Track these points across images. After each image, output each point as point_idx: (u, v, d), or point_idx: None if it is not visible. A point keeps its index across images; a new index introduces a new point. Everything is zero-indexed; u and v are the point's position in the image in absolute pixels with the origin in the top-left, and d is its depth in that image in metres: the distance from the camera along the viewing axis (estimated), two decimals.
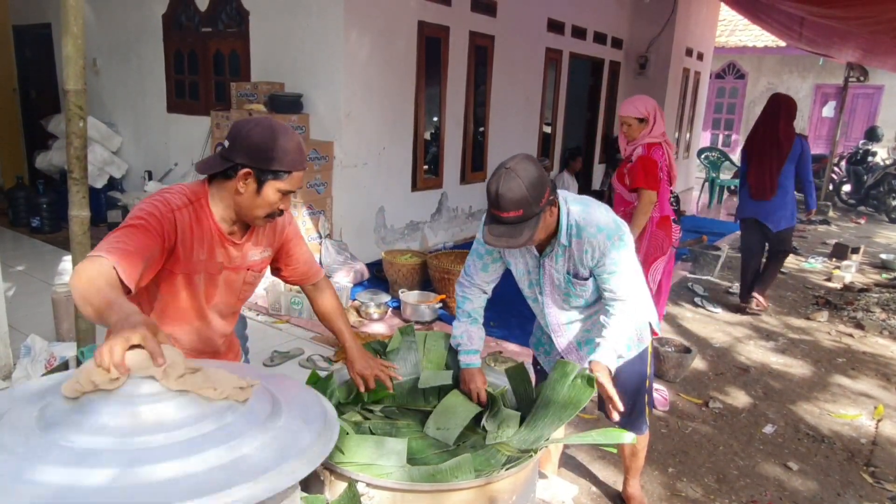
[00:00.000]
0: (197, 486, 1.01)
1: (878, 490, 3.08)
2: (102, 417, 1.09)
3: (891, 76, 14.83)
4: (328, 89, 5.56)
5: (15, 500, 0.95)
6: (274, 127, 1.71)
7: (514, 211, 1.88)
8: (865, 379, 4.36)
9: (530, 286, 2.30)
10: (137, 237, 1.57)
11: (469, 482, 1.61)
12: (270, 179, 1.70)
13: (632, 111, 3.70)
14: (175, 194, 1.73)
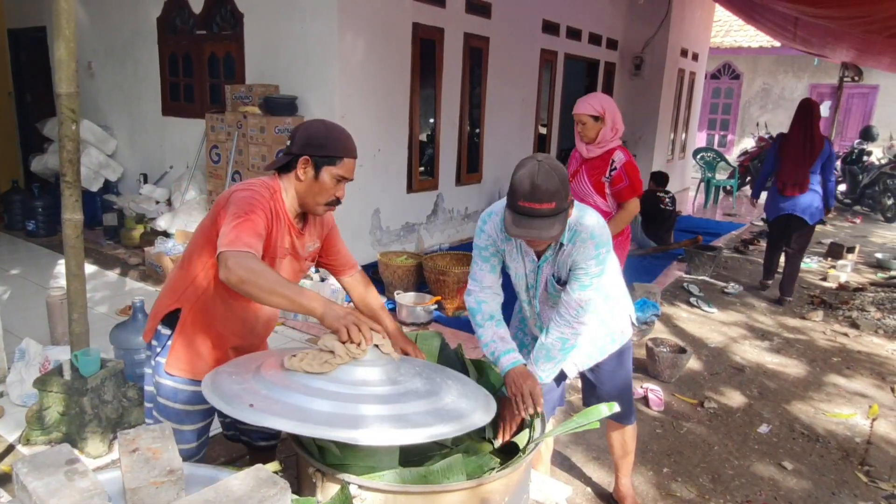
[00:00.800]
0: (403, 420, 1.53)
1: (873, 489, 3.08)
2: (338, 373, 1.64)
3: (886, 76, 14.88)
4: (323, 91, 5.56)
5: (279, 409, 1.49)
6: (326, 123, 1.98)
7: (548, 203, 1.87)
8: (860, 378, 4.37)
9: (525, 290, 2.31)
10: (252, 227, 1.78)
11: (461, 484, 1.61)
12: (326, 165, 1.91)
13: (587, 109, 3.59)
14: (261, 187, 1.91)
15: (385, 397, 1.61)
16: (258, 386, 1.59)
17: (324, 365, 1.63)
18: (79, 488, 1.26)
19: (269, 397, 1.54)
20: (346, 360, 1.65)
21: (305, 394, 1.56)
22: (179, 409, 2.03)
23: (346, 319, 1.66)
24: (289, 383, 1.59)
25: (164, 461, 1.39)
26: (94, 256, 6.00)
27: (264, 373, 1.67)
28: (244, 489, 1.29)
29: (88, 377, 2.86)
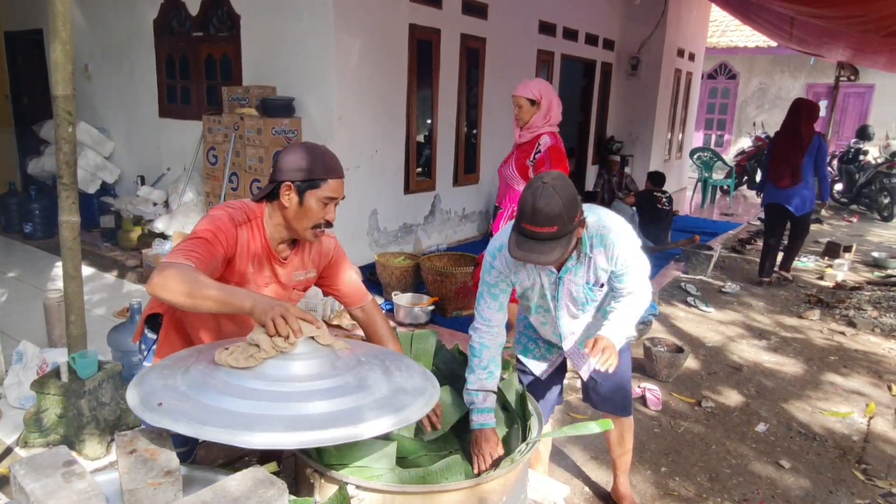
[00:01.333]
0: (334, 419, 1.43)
1: (870, 487, 3.09)
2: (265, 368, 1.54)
3: (882, 75, 14.91)
4: (320, 93, 5.56)
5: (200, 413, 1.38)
6: (307, 145, 1.93)
7: (548, 227, 1.86)
8: (857, 377, 4.38)
9: (543, 298, 2.26)
10: (205, 248, 1.78)
11: (459, 483, 1.61)
12: (309, 189, 1.86)
13: (525, 92, 3.61)
14: (238, 211, 1.91)
15: (308, 394, 1.50)
16: (180, 382, 1.51)
17: (249, 359, 1.54)
18: (76, 489, 1.27)
19: (185, 395, 1.45)
20: (271, 353, 1.55)
21: (221, 391, 1.46)
22: None
23: (274, 312, 1.56)
24: (209, 380, 1.51)
25: (161, 462, 1.39)
26: (91, 258, 5.99)
27: (194, 368, 1.58)
28: (242, 490, 1.30)
29: (86, 379, 2.86)
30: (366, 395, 1.55)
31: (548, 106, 3.61)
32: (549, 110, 3.62)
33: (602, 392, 2.52)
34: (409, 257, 5.71)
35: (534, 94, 3.60)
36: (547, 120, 3.63)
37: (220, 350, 1.61)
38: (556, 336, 2.39)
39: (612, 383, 2.48)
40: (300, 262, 2.05)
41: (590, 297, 2.21)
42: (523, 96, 3.61)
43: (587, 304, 2.24)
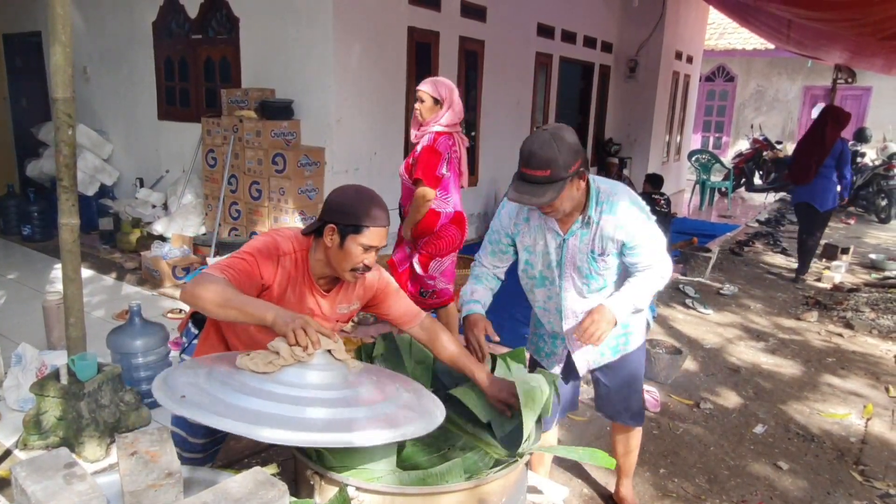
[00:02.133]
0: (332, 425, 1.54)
1: (868, 488, 3.10)
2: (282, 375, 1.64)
3: (879, 78, 14.95)
4: (319, 95, 5.57)
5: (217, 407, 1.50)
6: (358, 190, 1.98)
7: (542, 170, 1.94)
8: (855, 378, 4.40)
9: (548, 267, 2.29)
10: (242, 268, 1.88)
11: (458, 485, 1.62)
12: (351, 234, 1.90)
13: (429, 88, 3.55)
14: (286, 240, 1.99)
15: (315, 400, 1.60)
16: (202, 381, 1.62)
17: (268, 365, 1.65)
18: (77, 491, 1.27)
19: (206, 391, 1.56)
20: (290, 361, 1.66)
21: (240, 391, 1.57)
22: None
23: (294, 323, 1.67)
24: (229, 380, 1.61)
25: (162, 464, 1.40)
26: (90, 261, 5.99)
27: (216, 369, 1.68)
28: (243, 491, 1.30)
29: (85, 381, 2.86)
30: (370, 408, 1.64)
31: (447, 108, 3.57)
32: (447, 112, 3.57)
33: (613, 401, 2.53)
34: None
35: (440, 94, 3.54)
36: (442, 122, 3.58)
37: (242, 355, 1.71)
38: (558, 317, 2.35)
39: (624, 392, 2.48)
40: (344, 295, 2.11)
41: (593, 267, 2.20)
42: (428, 92, 3.55)
43: (591, 277, 2.23)
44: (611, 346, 2.38)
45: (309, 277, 2.02)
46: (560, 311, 2.34)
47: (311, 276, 2.02)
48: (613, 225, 2.12)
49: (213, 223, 5.89)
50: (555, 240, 2.23)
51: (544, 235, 2.24)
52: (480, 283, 2.38)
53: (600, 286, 2.27)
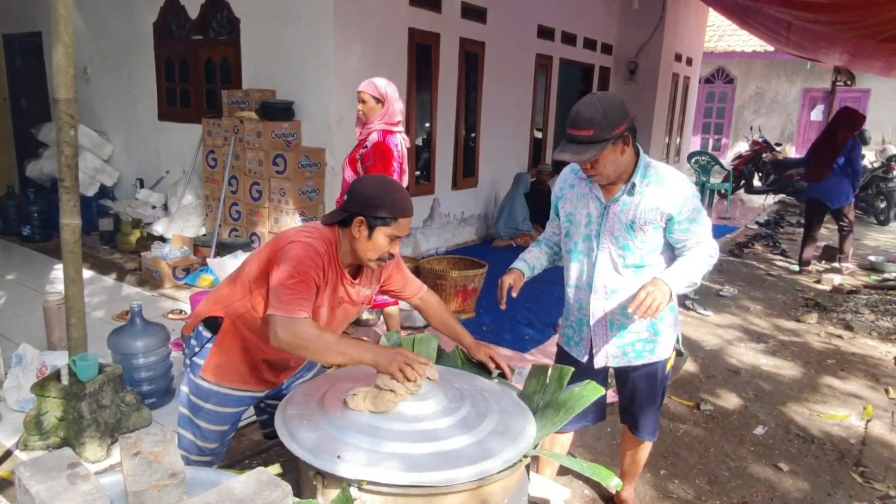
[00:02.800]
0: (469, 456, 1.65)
1: (868, 490, 3.10)
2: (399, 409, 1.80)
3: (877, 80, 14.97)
4: (319, 96, 5.58)
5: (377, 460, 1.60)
6: (384, 181, 2.02)
7: (585, 130, 2.00)
8: (855, 380, 4.40)
9: (587, 239, 2.30)
10: (307, 292, 1.91)
11: (461, 485, 1.62)
12: (379, 225, 1.93)
13: (370, 89, 3.64)
14: (318, 241, 1.98)
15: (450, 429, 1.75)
16: (333, 432, 1.72)
17: (386, 404, 1.78)
18: (81, 492, 1.27)
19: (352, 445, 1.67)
20: (405, 397, 1.81)
21: (378, 437, 1.69)
22: (210, 409, 2.16)
23: (398, 362, 1.81)
24: (359, 426, 1.73)
25: (166, 464, 1.40)
26: (90, 261, 5.99)
27: (331, 414, 1.79)
28: (246, 492, 1.30)
29: (87, 382, 2.86)
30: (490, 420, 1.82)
31: (389, 106, 3.66)
32: (388, 111, 3.66)
33: (631, 411, 2.52)
34: (408, 260, 5.71)
35: (379, 93, 3.64)
36: (385, 119, 3.67)
37: (350, 395, 1.82)
38: (588, 291, 2.33)
39: (646, 404, 2.46)
40: (367, 278, 2.15)
41: (631, 238, 2.19)
42: (368, 92, 3.65)
43: (628, 249, 2.21)
44: (636, 348, 2.34)
45: (339, 268, 2.04)
46: (591, 284, 2.31)
47: (341, 267, 2.05)
48: (661, 197, 2.14)
49: (213, 224, 5.89)
50: (597, 207, 2.25)
51: (587, 203, 2.27)
52: (539, 245, 2.52)
53: (637, 262, 2.24)
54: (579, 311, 2.39)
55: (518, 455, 1.71)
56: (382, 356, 1.83)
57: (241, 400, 2.19)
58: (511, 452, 1.69)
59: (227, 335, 2.10)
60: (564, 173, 2.40)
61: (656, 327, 2.33)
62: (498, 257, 6.85)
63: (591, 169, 2.11)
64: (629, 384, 2.46)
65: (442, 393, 1.90)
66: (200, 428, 2.17)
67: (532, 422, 1.89)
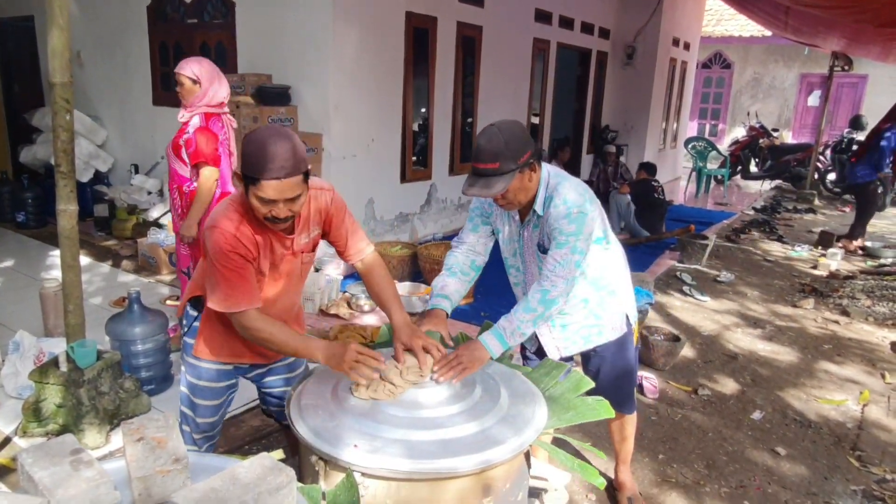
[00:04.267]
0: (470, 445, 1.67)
1: (865, 474, 3.13)
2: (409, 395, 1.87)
3: (875, 65, 14.94)
4: (316, 81, 5.53)
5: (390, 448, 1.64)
6: (259, 135, 1.78)
7: (490, 163, 2.00)
8: (851, 365, 4.42)
9: (513, 255, 2.40)
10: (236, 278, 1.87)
11: (464, 471, 1.62)
12: (249, 185, 1.78)
13: (186, 70, 3.53)
14: (230, 217, 1.88)
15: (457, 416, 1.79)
16: (348, 420, 1.75)
17: (387, 394, 1.83)
18: (85, 478, 1.26)
19: (367, 434, 1.70)
20: (407, 387, 1.86)
21: (384, 423, 1.73)
22: (203, 385, 2.19)
23: (347, 363, 1.83)
24: (374, 415, 1.77)
25: (169, 450, 1.39)
26: (85, 248, 5.95)
27: (340, 402, 1.84)
28: (251, 477, 1.30)
29: (85, 369, 2.85)
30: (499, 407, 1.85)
31: (207, 87, 3.55)
32: (207, 92, 3.56)
33: (602, 388, 2.49)
34: (405, 246, 5.71)
35: (195, 74, 3.52)
36: (205, 101, 3.57)
37: (355, 386, 1.86)
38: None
39: (612, 379, 2.49)
40: (303, 226, 2.03)
41: (540, 262, 2.24)
42: (184, 74, 3.53)
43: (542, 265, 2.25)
44: (582, 334, 2.38)
45: (264, 226, 1.91)
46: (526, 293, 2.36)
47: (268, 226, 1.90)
48: (553, 218, 2.13)
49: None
50: (516, 228, 2.31)
51: (509, 222, 2.33)
52: (453, 275, 2.37)
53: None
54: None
55: (524, 445, 1.71)
56: (332, 357, 1.86)
57: (232, 373, 2.23)
58: (516, 442, 1.70)
59: (209, 312, 2.08)
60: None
61: (594, 312, 2.35)
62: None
63: (501, 199, 2.12)
64: (592, 366, 2.49)
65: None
66: (197, 405, 2.21)
67: (543, 409, 1.90)
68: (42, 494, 1.21)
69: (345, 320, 4.56)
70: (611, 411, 1.96)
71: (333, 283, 4.87)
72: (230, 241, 1.86)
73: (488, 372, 2.07)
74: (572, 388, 2.03)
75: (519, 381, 2.06)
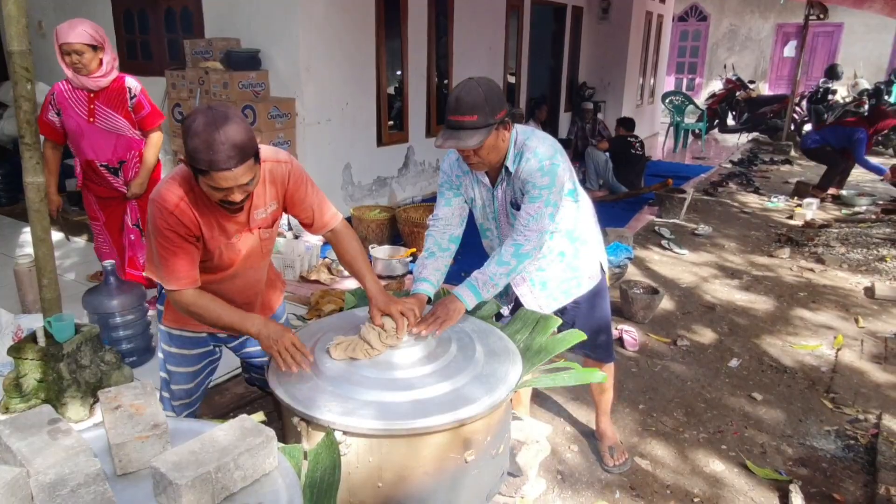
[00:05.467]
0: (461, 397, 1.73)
1: (838, 415, 3.22)
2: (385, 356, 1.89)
3: (850, 13, 14.93)
4: (286, 44, 5.41)
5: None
6: (203, 121, 1.64)
7: (469, 115, 1.97)
8: (826, 311, 4.52)
9: (486, 219, 2.39)
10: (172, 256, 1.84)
11: (443, 425, 1.64)
12: (198, 174, 1.70)
13: (83, 38, 3.28)
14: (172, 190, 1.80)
15: (431, 376, 1.81)
16: (324, 384, 1.77)
17: (364, 354, 1.85)
18: (63, 446, 1.26)
19: (339, 395, 1.72)
20: (383, 350, 1.88)
21: (357, 385, 1.75)
22: (175, 352, 2.20)
23: (279, 345, 1.82)
24: (350, 376, 1.79)
25: (147, 416, 1.40)
26: (59, 224, 5.85)
27: (320, 365, 1.85)
28: (230, 439, 1.31)
29: (63, 343, 2.83)
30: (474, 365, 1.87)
31: (110, 46, 3.39)
32: (111, 49, 3.41)
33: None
34: (384, 210, 5.68)
35: (95, 39, 3.30)
36: (115, 59, 3.45)
37: (333, 346, 1.89)
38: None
39: (590, 329, 2.47)
40: (258, 200, 1.94)
41: (512, 220, 2.24)
42: (83, 42, 3.27)
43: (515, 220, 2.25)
44: (562, 289, 2.39)
45: (212, 204, 1.83)
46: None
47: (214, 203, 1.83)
48: (525, 171, 2.13)
49: None
50: (487, 192, 2.30)
51: (479, 186, 2.31)
52: (432, 256, 2.33)
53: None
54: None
55: (497, 401, 1.73)
56: (266, 335, 1.86)
57: (203, 341, 2.22)
58: (490, 399, 1.72)
59: None
60: (450, 162, 2.35)
61: (571, 265, 2.37)
62: None
63: (473, 156, 2.08)
64: (567, 318, 2.46)
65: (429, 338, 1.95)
66: (172, 372, 2.22)
67: (518, 364, 1.92)
68: (20, 464, 1.22)
69: (325, 286, 4.55)
70: (581, 336, 2.03)
71: (313, 249, 4.84)
72: (168, 220, 1.79)
73: (466, 330, 2.08)
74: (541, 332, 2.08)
75: (496, 338, 2.08)
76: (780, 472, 2.76)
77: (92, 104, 3.49)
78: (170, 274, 1.86)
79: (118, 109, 3.52)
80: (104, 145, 3.60)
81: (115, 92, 3.50)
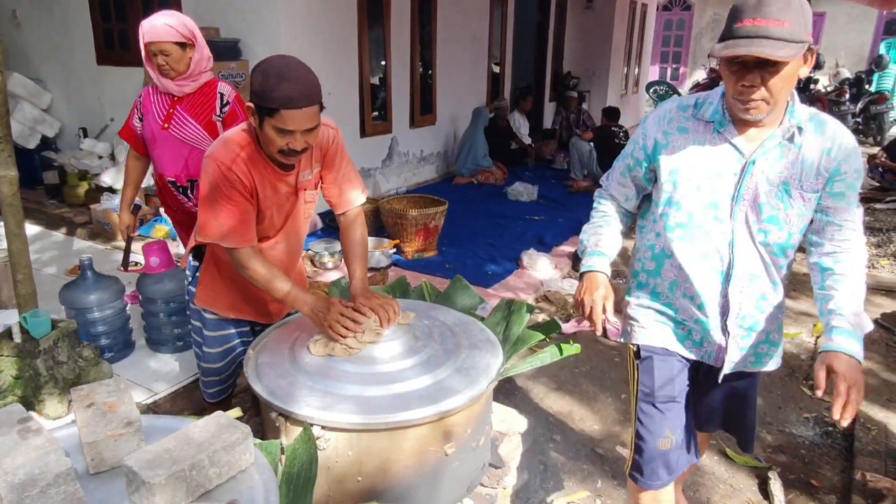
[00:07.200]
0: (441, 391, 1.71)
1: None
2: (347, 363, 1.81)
3: (832, 3, 15.02)
4: (267, 33, 5.35)
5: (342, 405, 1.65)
6: (273, 63, 1.73)
7: (779, 20, 1.38)
8: (805, 299, 4.56)
9: (713, 206, 1.62)
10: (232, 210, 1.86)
11: (424, 418, 1.63)
12: (266, 116, 1.74)
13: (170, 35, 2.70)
14: (228, 149, 1.85)
15: (412, 370, 1.78)
16: (303, 379, 1.74)
17: (345, 352, 1.82)
18: (34, 445, 1.24)
19: (318, 390, 1.70)
20: (362, 347, 1.83)
21: (337, 380, 1.72)
22: (207, 335, 2.27)
23: (328, 320, 1.82)
24: (329, 371, 1.76)
25: (121, 414, 1.38)
26: (37, 217, 5.78)
27: (299, 361, 1.82)
28: (205, 436, 1.29)
29: (40, 339, 2.79)
30: (455, 357, 1.85)
31: (202, 44, 2.84)
32: (205, 47, 2.87)
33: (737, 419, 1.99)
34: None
35: (183, 35, 2.73)
36: (209, 60, 2.92)
37: (313, 342, 1.86)
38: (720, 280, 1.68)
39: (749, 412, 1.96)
40: (304, 161, 1.99)
41: (783, 205, 1.57)
42: (170, 41, 2.70)
43: (776, 223, 1.60)
44: (759, 351, 1.81)
45: (266, 163, 1.90)
46: (724, 273, 1.67)
47: (269, 161, 1.90)
48: (822, 150, 1.54)
49: None
50: (734, 161, 1.58)
51: (716, 155, 1.60)
52: (608, 224, 1.86)
53: (781, 242, 1.63)
54: (700, 309, 1.73)
55: (479, 393, 1.73)
56: (318, 312, 1.86)
57: (233, 325, 2.27)
58: (472, 391, 1.72)
59: (208, 262, 2.16)
60: (667, 111, 1.69)
61: (782, 328, 1.85)
62: (459, 195, 6.83)
63: (759, 85, 1.44)
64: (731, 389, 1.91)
65: (410, 332, 1.92)
66: (204, 352, 2.30)
67: (499, 355, 1.92)
68: None
69: (309, 278, 4.53)
70: (557, 327, 2.00)
71: None
72: (228, 175, 1.83)
73: (447, 323, 2.08)
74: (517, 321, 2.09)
75: (477, 330, 2.08)
76: (760, 460, 2.79)
77: (172, 108, 2.90)
78: (231, 230, 1.87)
79: (201, 118, 2.89)
80: (174, 157, 2.92)
81: (204, 97, 2.91)
